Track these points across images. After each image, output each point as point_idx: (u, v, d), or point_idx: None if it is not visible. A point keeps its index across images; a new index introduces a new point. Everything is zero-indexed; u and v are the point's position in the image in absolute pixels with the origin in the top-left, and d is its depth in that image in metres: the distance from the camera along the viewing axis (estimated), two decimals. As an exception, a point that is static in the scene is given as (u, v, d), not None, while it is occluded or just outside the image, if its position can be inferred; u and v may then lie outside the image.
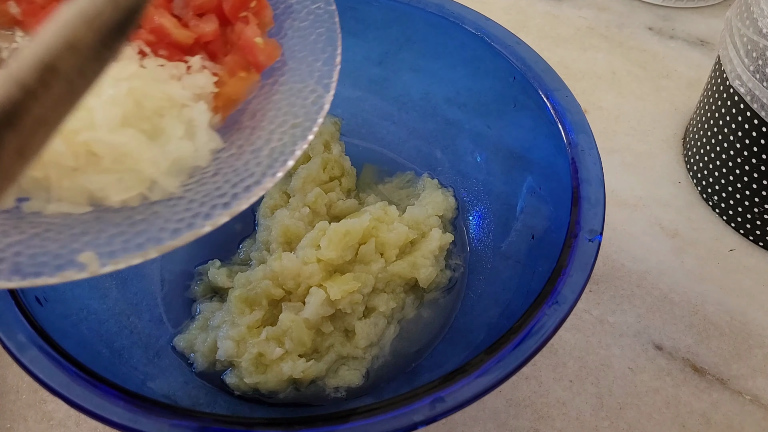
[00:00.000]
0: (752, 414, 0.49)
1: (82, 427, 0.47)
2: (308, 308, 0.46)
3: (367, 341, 0.47)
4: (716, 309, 0.55)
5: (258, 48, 0.35)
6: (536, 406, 0.49)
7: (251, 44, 0.34)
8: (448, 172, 0.57)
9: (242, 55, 0.35)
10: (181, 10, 0.35)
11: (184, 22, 0.34)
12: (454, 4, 0.51)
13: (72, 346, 0.35)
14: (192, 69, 0.33)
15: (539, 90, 0.46)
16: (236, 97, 0.35)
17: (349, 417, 0.32)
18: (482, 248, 0.53)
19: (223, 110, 0.34)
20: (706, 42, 0.78)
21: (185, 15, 0.34)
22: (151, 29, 0.33)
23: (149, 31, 0.33)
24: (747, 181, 0.55)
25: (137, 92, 0.30)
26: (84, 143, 0.28)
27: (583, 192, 0.40)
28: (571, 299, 0.36)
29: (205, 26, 0.34)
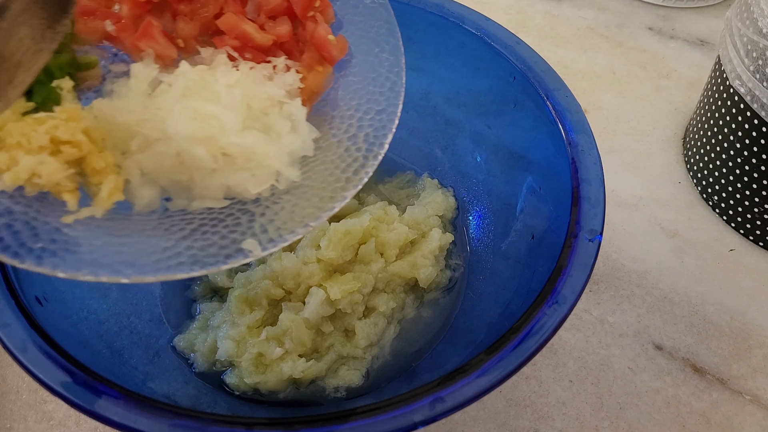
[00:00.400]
0: (752, 414, 0.49)
1: (82, 427, 0.47)
2: (308, 308, 0.46)
3: (367, 341, 0.47)
4: (716, 309, 0.55)
5: (331, 44, 0.38)
6: (536, 406, 0.49)
7: (325, 41, 0.38)
8: (448, 172, 0.57)
9: (317, 51, 0.38)
10: (254, 14, 0.38)
11: (260, 24, 0.37)
12: (454, 4, 0.51)
13: (72, 346, 0.35)
14: (277, 68, 0.37)
15: (539, 90, 0.46)
16: (317, 89, 0.38)
17: (349, 417, 0.32)
18: (482, 248, 0.53)
19: (308, 103, 0.37)
20: (706, 42, 0.78)
21: (259, 19, 0.37)
22: (236, 35, 0.36)
23: (234, 37, 0.36)
24: (747, 181, 0.55)
25: (246, 96, 0.34)
26: (220, 147, 0.32)
27: (583, 192, 0.40)
28: (571, 299, 0.36)
29: (280, 28, 0.37)
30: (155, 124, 0.32)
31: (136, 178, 0.33)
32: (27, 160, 0.29)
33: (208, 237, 0.33)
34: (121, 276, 0.30)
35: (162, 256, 0.32)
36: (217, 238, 0.33)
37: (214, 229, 0.33)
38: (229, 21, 0.36)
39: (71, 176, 0.31)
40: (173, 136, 0.32)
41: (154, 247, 0.32)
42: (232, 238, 0.33)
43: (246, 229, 0.33)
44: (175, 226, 0.33)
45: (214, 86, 0.34)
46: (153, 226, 0.33)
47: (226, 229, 0.33)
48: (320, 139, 0.37)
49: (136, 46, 0.35)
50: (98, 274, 0.30)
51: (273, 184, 0.34)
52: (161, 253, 0.32)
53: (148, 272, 0.31)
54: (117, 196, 0.31)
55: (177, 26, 0.36)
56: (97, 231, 0.32)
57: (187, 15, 0.36)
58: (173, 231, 0.33)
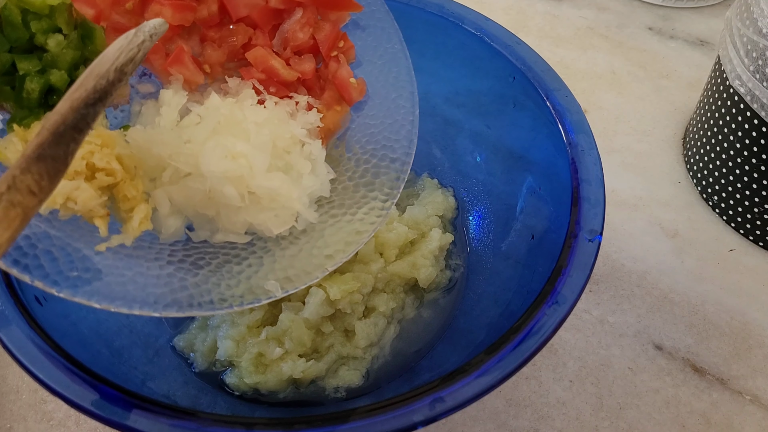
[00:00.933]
0: (752, 414, 0.49)
1: (82, 427, 0.47)
2: (308, 308, 0.46)
3: (367, 341, 0.47)
4: (716, 309, 0.55)
5: (352, 86, 0.39)
6: (536, 406, 0.49)
7: (346, 83, 0.39)
8: (448, 172, 0.57)
9: (337, 91, 0.39)
10: (279, 47, 0.39)
11: (286, 59, 0.38)
12: (454, 4, 0.51)
13: (72, 346, 0.35)
14: (300, 105, 0.38)
15: (539, 90, 0.46)
16: (334, 128, 0.40)
17: (349, 417, 0.32)
18: (482, 248, 0.53)
19: (324, 141, 0.39)
20: (706, 42, 0.78)
21: (285, 53, 0.38)
22: (263, 69, 0.37)
23: (261, 70, 0.37)
24: (747, 181, 0.55)
25: (273, 135, 0.35)
26: (247, 187, 0.34)
27: (583, 192, 0.40)
28: (571, 299, 0.36)
29: (305, 65, 0.39)
30: (188, 158, 0.33)
31: (165, 209, 0.34)
32: (63, 185, 0.30)
33: (234, 276, 0.34)
34: (153, 311, 0.32)
35: (193, 292, 0.33)
36: (242, 278, 0.34)
37: (238, 267, 0.35)
38: (258, 54, 0.37)
39: (103, 202, 0.31)
40: (206, 174, 0.33)
41: (183, 282, 0.33)
42: (256, 279, 0.34)
43: (269, 271, 0.35)
44: (201, 260, 0.35)
45: (244, 123, 0.35)
46: (179, 258, 0.34)
47: (251, 269, 0.35)
48: (336, 180, 0.38)
49: (166, 70, 0.36)
50: (131, 307, 0.31)
51: (293, 224, 0.36)
52: (192, 288, 0.33)
53: (179, 308, 0.32)
54: (146, 224, 0.32)
55: (205, 51, 0.37)
56: (127, 260, 0.33)
57: (215, 41, 0.37)
58: (200, 266, 0.34)
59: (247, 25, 0.38)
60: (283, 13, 0.38)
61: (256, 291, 0.34)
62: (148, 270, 0.33)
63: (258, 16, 0.37)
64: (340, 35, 0.40)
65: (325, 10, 0.39)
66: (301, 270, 0.35)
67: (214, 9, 0.36)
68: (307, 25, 0.38)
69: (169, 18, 0.35)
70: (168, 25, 0.30)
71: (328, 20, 0.39)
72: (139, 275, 0.33)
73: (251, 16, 0.37)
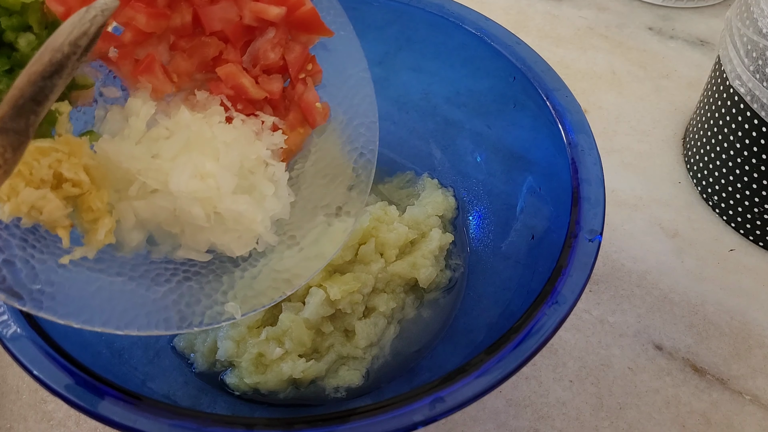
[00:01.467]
0: (752, 414, 0.49)
1: (82, 427, 0.47)
2: (308, 308, 0.46)
3: (367, 341, 0.47)
4: (716, 309, 0.55)
5: (317, 110, 0.40)
6: (536, 406, 0.49)
7: (312, 107, 0.39)
8: (448, 172, 0.57)
9: (302, 113, 0.40)
10: (248, 64, 0.39)
11: (255, 77, 0.38)
12: (454, 4, 0.51)
13: (72, 346, 0.35)
14: (265, 125, 0.38)
15: (539, 90, 0.46)
16: (295, 149, 0.40)
17: (349, 417, 0.32)
18: (482, 248, 0.53)
19: (285, 161, 0.39)
20: (706, 42, 0.78)
21: (254, 71, 0.38)
22: (232, 86, 0.37)
23: (231, 87, 0.37)
24: (747, 181, 0.55)
25: (240, 155, 0.35)
26: (213, 207, 0.34)
27: (583, 192, 0.40)
28: (571, 299, 0.36)
29: (273, 85, 0.39)
30: (156, 174, 0.33)
31: (129, 223, 0.33)
32: (29, 193, 0.29)
33: (194, 294, 0.34)
34: (115, 329, 0.32)
35: (152, 308, 0.33)
36: (201, 296, 0.35)
37: (198, 285, 0.35)
38: (228, 71, 0.37)
39: (67, 212, 0.31)
40: (175, 192, 0.33)
41: (144, 299, 0.33)
42: (215, 299, 0.35)
43: (227, 289, 0.35)
44: (161, 276, 0.35)
45: (214, 142, 0.35)
46: (140, 273, 0.34)
47: (209, 286, 0.35)
48: (295, 203, 0.39)
49: (134, 77, 0.35)
50: (93, 323, 0.31)
51: (254, 246, 0.36)
52: (151, 305, 0.33)
53: (139, 328, 0.32)
54: (111, 238, 0.32)
55: (174, 60, 0.37)
56: (89, 274, 0.33)
57: (186, 51, 0.37)
58: (160, 282, 0.34)
59: (219, 39, 0.38)
60: (255, 31, 0.38)
61: (215, 312, 0.34)
62: (111, 285, 0.33)
63: (231, 32, 0.37)
64: (309, 57, 0.40)
65: (296, 32, 0.39)
66: (260, 292, 0.36)
67: (188, 19, 0.36)
68: (278, 45, 0.38)
69: (142, 25, 0.34)
70: (119, 2, 0.29)
71: (298, 42, 0.39)
72: (101, 290, 0.33)
73: (224, 30, 0.37)
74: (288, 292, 0.36)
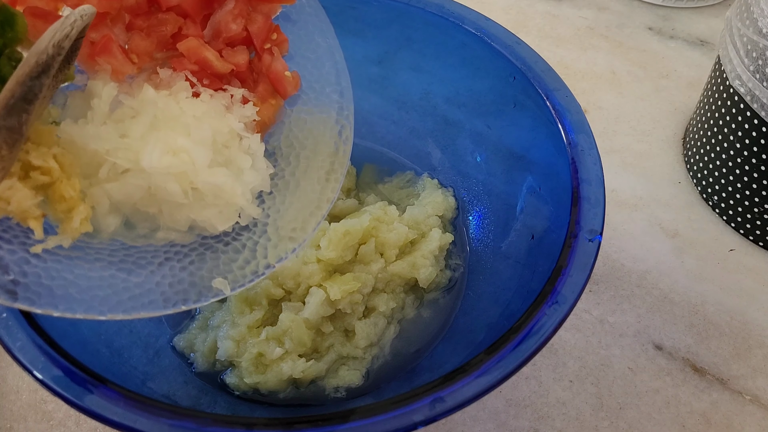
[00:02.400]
0: (752, 414, 0.49)
1: (82, 427, 0.47)
2: (308, 308, 0.46)
3: (367, 341, 0.47)
4: (716, 309, 0.55)
5: (287, 79, 0.38)
6: (536, 406, 0.49)
7: (281, 76, 0.38)
8: (448, 172, 0.57)
9: (272, 84, 0.38)
10: (210, 37, 0.37)
11: (218, 50, 0.37)
12: (454, 4, 0.51)
13: (71, 345, 0.35)
14: (235, 99, 0.37)
15: (539, 90, 0.46)
16: (269, 122, 0.38)
17: (349, 417, 0.32)
18: (482, 248, 0.53)
19: (260, 135, 0.37)
20: (706, 42, 0.78)
21: (217, 44, 0.37)
22: (196, 60, 0.36)
23: (194, 62, 0.36)
24: (747, 181, 0.55)
25: (212, 129, 0.34)
26: (190, 183, 0.33)
27: (583, 192, 0.40)
28: (571, 299, 0.36)
29: (238, 57, 0.37)
30: (126, 153, 0.32)
31: (103, 208, 0.32)
32: None
33: (176, 273, 0.34)
34: (98, 314, 0.31)
35: (135, 292, 0.32)
36: (185, 275, 0.34)
37: (180, 265, 0.34)
38: (190, 45, 0.36)
39: (38, 202, 0.30)
40: (148, 170, 0.32)
41: (126, 283, 0.32)
42: (200, 276, 0.34)
43: (213, 267, 0.34)
44: (142, 259, 0.34)
45: (182, 117, 0.34)
46: (120, 258, 0.33)
47: (193, 265, 0.34)
48: (275, 175, 0.38)
49: (92, 60, 0.34)
50: (75, 311, 0.30)
51: (237, 220, 0.35)
52: (134, 289, 0.32)
53: (125, 311, 0.32)
54: (87, 226, 0.31)
55: (133, 41, 0.35)
56: (67, 262, 0.32)
57: (143, 30, 0.36)
58: (141, 265, 0.33)
59: (177, 15, 0.36)
60: (213, 3, 0.37)
61: (201, 289, 0.33)
62: (89, 272, 0.32)
63: (189, 6, 0.36)
64: (273, 27, 0.39)
65: (256, 2, 0.38)
66: (247, 266, 0.35)
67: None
68: (239, 17, 0.37)
69: (95, 4, 0.33)
70: (95, 11, 0.29)
71: (260, 12, 0.38)
72: (80, 278, 0.32)
73: (182, 5, 0.36)
74: (276, 265, 0.35)
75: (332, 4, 0.54)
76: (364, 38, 0.56)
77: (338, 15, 0.55)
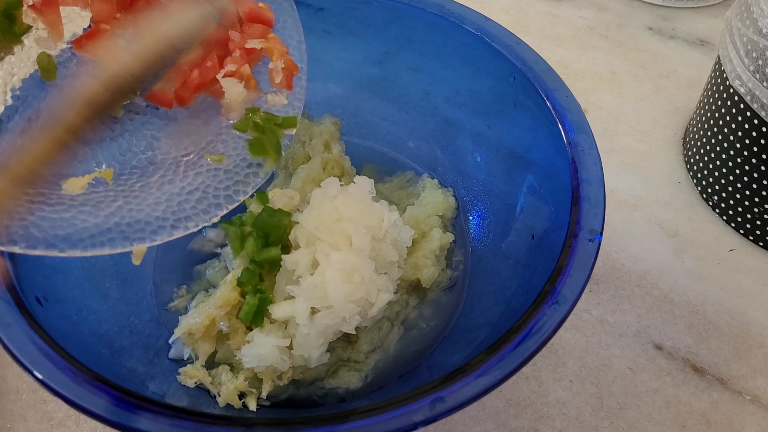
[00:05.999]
0: (752, 414, 0.49)
1: (82, 427, 0.47)
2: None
3: (371, 346, 0.47)
4: (716, 309, 0.55)
5: (262, 9, 0.40)
6: (536, 406, 0.49)
7: (259, 11, 0.40)
8: (448, 171, 0.57)
9: (253, 21, 0.40)
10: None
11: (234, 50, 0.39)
12: (454, 4, 0.51)
13: (72, 346, 0.35)
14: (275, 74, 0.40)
15: (539, 90, 0.46)
16: (290, 65, 0.41)
17: (349, 417, 0.32)
18: (482, 248, 0.53)
19: (288, 79, 0.41)
20: (706, 42, 0.78)
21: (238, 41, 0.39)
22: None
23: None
24: (747, 181, 0.55)
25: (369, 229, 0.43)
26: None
27: (583, 192, 0.40)
28: (571, 299, 0.36)
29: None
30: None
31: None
32: None
33: (134, 215, 0.35)
34: (58, 252, 0.32)
35: (95, 231, 0.34)
36: (141, 216, 0.35)
37: (138, 207, 0.35)
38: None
39: None
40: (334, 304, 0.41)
41: (85, 224, 0.34)
42: (148, 213, 0.35)
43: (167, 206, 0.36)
44: (102, 203, 0.35)
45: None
46: (80, 201, 0.35)
47: (150, 207, 0.36)
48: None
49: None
50: (36, 248, 0.32)
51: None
52: (93, 228, 0.34)
53: (83, 248, 0.33)
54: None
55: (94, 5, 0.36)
56: (30, 206, 0.34)
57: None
58: (101, 207, 0.35)
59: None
60: None
61: (156, 227, 0.35)
62: (53, 213, 0.34)
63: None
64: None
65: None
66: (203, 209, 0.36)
67: None
68: None
69: None
70: None
71: None
72: (44, 219, 0.33)
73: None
74: (230, 206, 0.36)
75: (332, 5, 0.54)
76: (365, 39, 0.56)
77: (339, 16, 0.55)
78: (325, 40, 0.55)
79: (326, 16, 0.54)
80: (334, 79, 0.58)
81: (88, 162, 0.37)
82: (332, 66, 0.57)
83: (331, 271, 0.41)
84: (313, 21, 0.54)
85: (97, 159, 0.37)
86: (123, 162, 0.37)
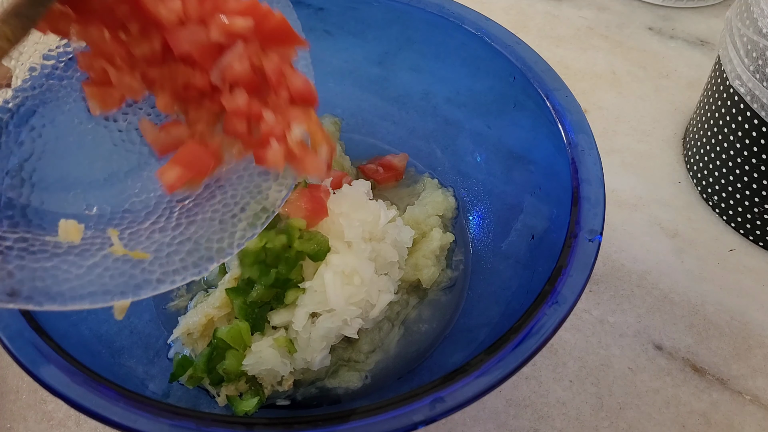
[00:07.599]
0: (752, 414, 0.49)
1: (82, 427, 0.47)
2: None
3: (371, 346, 0.47)
4: (716, 309, 0.55)
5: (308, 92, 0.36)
6: (536, 406, 0.49)
7: (306, 84, 0.35)
8: (448, 171, 0.57)
9: (298, 100, 0.35)
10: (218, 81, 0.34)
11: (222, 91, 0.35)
12: (454, 4, 0.51)
13: (72, 346, 0.35)
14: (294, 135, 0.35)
15: (539, 90, 0.46)
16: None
17: (349, 417, 0.32)
18: (482, 248, 0.53)
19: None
20: (706, 42, 0.78)
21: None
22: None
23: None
24: (747, 181, 0.55)
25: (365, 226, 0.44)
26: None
27: (583, 192, 0.40)
28: (571, 299, 0.36)
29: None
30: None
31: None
32: None
33: (119, 266, 0.32)
34: (36, 305, 0.30)
35: (76, 284, 0.31)
36: (128, 267, 0.33)
37: (124, 258, 0.33)
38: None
39: None
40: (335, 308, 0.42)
41: (67, 275, 0.31)
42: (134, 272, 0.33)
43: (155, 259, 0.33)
44: (86, 252, 0.33)
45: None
46: (64, 249, 0.32)
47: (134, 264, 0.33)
48: None
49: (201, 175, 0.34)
50: (17, 303, 0.30)
51: None
52: (75, 280, 0.31)
53: (61, 301, 0.31)
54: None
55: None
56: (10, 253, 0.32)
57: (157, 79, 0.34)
58: (85, 257, 0.32)
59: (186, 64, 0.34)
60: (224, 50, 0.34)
61: (141, 282, 0.33)
62: (35, 263, 0.32)
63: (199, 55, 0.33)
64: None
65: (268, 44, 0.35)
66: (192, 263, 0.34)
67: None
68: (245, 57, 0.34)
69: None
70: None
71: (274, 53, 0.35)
72: (22, 269, 0.31)
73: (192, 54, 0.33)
74: (222, 260, 0.34)
75: (332, 5, 0.54)
76: (365, 39, 0.56)
77: (339, 16, 0.55)
78: (325, 40, 0.55)
79: (326, 16, 0.54)
80: (334, 78, 0.58)
81: (78, 202, 0.34)
82: (332, 66, 0.57)
83: (330, 274, 0.41)
84: (313, 21, 0.54)
85: (88, 201, 0.35)
86: (116, 205, 0.35)
